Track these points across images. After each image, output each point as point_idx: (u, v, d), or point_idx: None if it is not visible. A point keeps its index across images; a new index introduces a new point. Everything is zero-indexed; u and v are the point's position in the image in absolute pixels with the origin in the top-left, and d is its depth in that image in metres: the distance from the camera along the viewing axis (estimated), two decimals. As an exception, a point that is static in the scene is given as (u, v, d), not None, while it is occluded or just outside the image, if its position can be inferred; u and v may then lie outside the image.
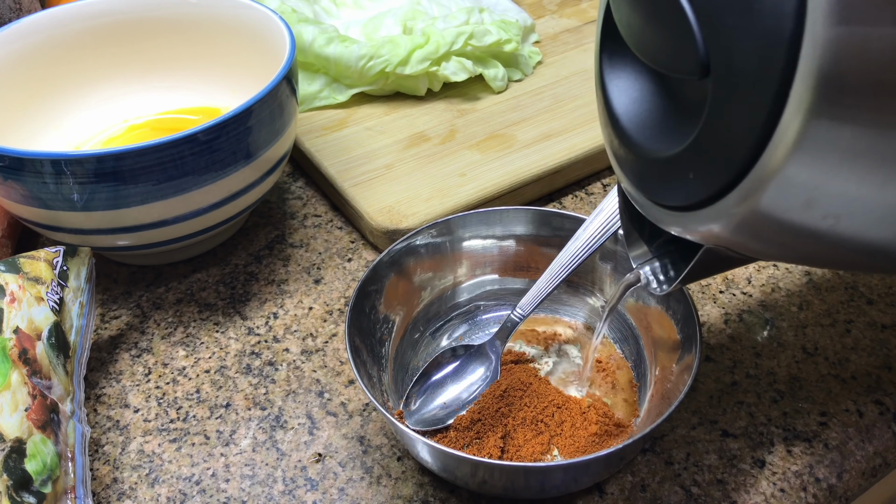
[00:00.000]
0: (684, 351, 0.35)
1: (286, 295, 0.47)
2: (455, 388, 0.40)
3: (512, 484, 0.34)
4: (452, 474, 0.34)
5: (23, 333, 0.35)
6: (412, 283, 0.41)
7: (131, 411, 0.41)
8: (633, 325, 0.41)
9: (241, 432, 0.39)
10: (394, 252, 0.40)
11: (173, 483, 0.37)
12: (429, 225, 0.41)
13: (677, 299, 0.37)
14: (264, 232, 0.52)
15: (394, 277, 0.40)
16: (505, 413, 0.38)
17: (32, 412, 0.33)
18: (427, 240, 0.41)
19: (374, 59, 0.57)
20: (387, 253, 0.39)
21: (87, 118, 0.53)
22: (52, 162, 0.38)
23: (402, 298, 0.41)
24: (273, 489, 0.37)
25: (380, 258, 0.39)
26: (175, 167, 0.39)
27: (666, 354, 0.37)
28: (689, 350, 0.35)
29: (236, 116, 0.40)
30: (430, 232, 0.41)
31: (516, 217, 0.42)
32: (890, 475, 0.41)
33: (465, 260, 0.43)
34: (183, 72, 0.55)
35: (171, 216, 0.42)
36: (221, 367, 0.43)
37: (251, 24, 0.50)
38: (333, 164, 0.53)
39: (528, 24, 0.67)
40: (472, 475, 0.33)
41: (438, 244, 0.42)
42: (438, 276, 0.43)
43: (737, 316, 0.45)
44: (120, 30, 0.53)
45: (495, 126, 0.56)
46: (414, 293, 0.42)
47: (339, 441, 0.39)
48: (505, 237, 0.43)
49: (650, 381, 0.38)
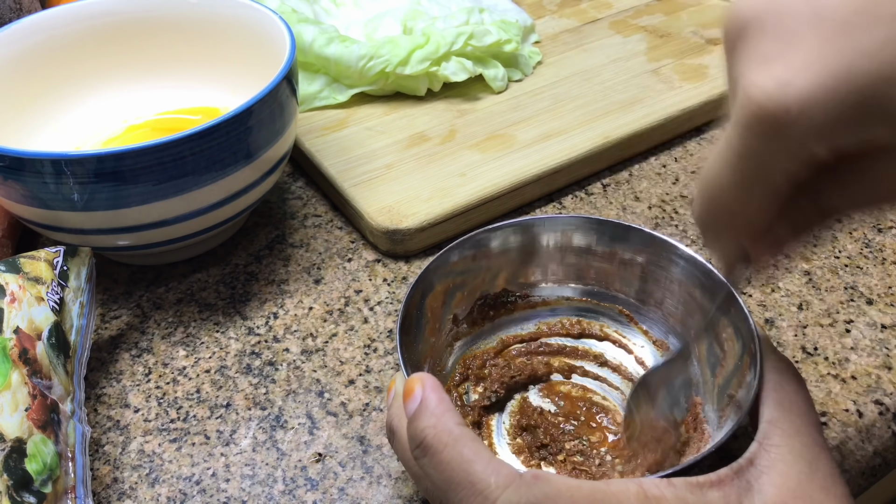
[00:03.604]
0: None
1: (286, 295, 0.47)
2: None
3: None
4: None
5: (23, 333, 0.35)
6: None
7: (131, 411, 0.41)
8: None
9: (241, 432, 0.39)
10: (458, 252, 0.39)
11: (173, 483, 0.37)
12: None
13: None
14: (264, 232, 0.52)
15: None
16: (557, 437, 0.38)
17: (33, 412, 0.33)
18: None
19: (374, 59, 0.57)
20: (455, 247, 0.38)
21: (86, 118, 0.53)
22: (53, 162, 0.38)
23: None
24: (273, 489, 0.37)
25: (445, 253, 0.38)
26: (175, 167, 0.39)
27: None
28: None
29: (236, 116, 0.40)
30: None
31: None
32: (890, 475, 0.41)
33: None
34: (183, 72, 0.55)
35: (172, 216, 0.42)
36: (221, 367, 0.43)
37: (251, 24, 0.50)
38: (333, 164, 0.53)
39: (528, 25, 0.67)
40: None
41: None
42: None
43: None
44: (120, 30, 0.53)
45: (495, 126, 0.56)
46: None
47: (340, 441, 0.39)
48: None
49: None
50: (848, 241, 0.50)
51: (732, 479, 0.27)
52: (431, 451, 0.28)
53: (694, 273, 0.37)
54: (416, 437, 0.28)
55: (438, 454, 0.27)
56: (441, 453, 0.27)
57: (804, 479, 0.27)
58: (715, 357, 0.36)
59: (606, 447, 0.37)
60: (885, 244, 0.50)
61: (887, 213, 0.51)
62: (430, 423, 0.28)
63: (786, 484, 0.27)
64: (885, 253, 0.49)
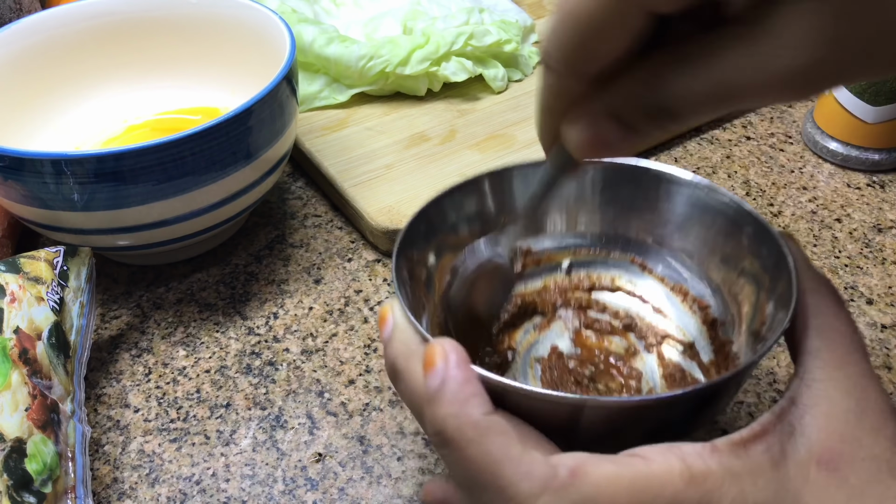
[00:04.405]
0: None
1: (286, 295, 0.47)
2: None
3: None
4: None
5: (23, 333, 0.35)
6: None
7: (131, 411, 0.41)
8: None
9: (241, 432, 0.39)
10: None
11: (173, 483, 0.37)
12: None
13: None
14: (264, 232, 0.52)
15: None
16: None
17: (33, 412, 0.33)
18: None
19: (374, 59, 0.57)
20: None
21: (86, 118, 0.53)
22: (53, 162, 0.38)
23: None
24: (273, 489, 0.37)
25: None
26: (175, 167, 0.39)
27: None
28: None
29: (236, 116, 0.40)
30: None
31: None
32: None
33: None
34: (183, 72, 0.55)
35: (172, 216, 0.42)
36: (221, 367, 0.43)
37: (251, 24, 0.50)
38: (333, 164, 0.53)
39: (528, 25, 0.67)
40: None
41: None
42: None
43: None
44: (120, 30, 0.53)
45: (495, 126, 0.56)
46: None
47: (340, 441, 0.39)
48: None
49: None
50: (848, 241, 0.50)
51: (775, 426, 0.25)
52: (453, 445, 0.25)
53: (709, 204, 0.34)
54: (435, 424, 0.25)
55: (462, 450, 0.24)
56: (465, 450, 0.24)
57: (852, 418, 0.24)
58: (741, 294, 0.33)
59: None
60: (885, 244, 0.50)
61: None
62: (451, 411, 0.25)
63: (831, 425, 0.24)
64: (885, 253, 0.49)
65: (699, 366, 0.36)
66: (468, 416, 0.25)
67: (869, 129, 0.54)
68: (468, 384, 0.25)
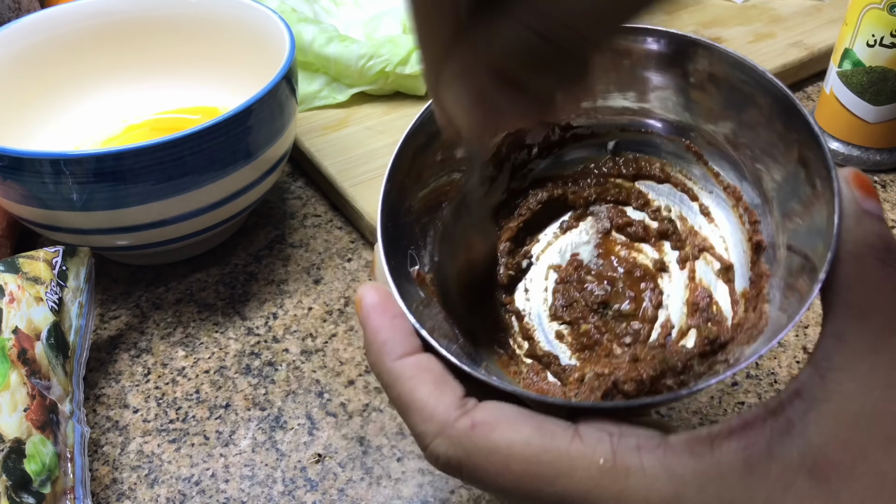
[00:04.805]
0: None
1: (286, 295, 0.47)
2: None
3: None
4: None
5: (22, 333, 0.35)
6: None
7: (130, 412, 0.40)
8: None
9: (240, 433, 0.39)
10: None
11: (173, 483, 0.37)
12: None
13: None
14: (264, 232, 0.52)
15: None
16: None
17: (31, 412, 0.33)
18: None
19: (374, 59, 0.57)
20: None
21: (86, 118, 0.53)
22: (52, 162, 0.38)
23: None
24: (273, 490, 0.37)
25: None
26: (174, 167, 0.39)
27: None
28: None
29: (236, 116, 0.40)
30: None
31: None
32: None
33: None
34: (182, 71, 0.55)
35: (171, 216, 0.42)
36: (221, 368, 0.43)
37: (251, 24, 0.50)
38: (333, 164, 0.53)
39: (529, 24, 0.67)
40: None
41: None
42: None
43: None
44: (119, 30, 0.53)
45: (495, 126, 0.56)
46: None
47: (339, 441, 0.39)
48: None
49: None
50: (849, 241, 0.50)
51: (764, 421, 0.21)
52: (382, 385, 0.26)
53: (776, 104, 0.28)
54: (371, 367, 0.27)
55: (387, 390, 0.25)
56: (388, 390, 0.25)
57: (864, 423, 0.20)
58: (789, 216, 0.28)
59: (635, 329, 0.32)
60: (886, 244, 0.49)
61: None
62: (370, 360, 0.26)
63: (836, 428, 0.20)
64: (886, 253, 0.49)
65: (730, 293, 0.32)
66: (382, 364, 0.25)
67: (870, 128, 0.54)
68: (381, 331, 0.25)
